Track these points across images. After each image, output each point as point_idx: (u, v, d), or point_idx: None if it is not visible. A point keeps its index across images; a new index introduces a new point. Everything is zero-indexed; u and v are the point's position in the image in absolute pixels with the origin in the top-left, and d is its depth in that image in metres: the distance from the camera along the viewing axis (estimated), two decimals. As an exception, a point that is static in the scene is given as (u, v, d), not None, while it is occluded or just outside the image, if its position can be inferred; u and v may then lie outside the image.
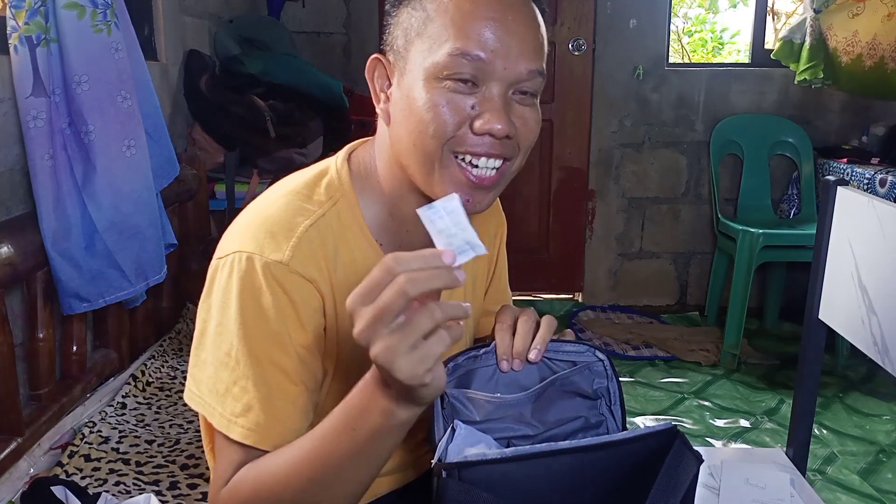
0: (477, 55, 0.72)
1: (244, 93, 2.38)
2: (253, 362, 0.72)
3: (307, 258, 0.74)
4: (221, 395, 0.73)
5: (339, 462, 0.67)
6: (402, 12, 0.77)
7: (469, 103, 0.73)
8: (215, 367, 0.74)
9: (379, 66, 0.79)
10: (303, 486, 0.69)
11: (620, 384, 0.82)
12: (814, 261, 1.19)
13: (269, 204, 0.78)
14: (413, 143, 0.75)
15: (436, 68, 0.72)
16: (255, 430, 0.72)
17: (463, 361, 0.78)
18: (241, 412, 0.72)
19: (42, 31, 1.40)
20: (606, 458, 0.66)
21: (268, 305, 0.72)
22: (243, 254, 0.73)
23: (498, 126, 0.73)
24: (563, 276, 3.41)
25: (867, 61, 2.51)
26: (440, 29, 0.73)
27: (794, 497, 1.04)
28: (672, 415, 2.39)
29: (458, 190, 0.75)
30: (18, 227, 1.43)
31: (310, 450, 0.69)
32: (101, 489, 1.35)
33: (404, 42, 0.76)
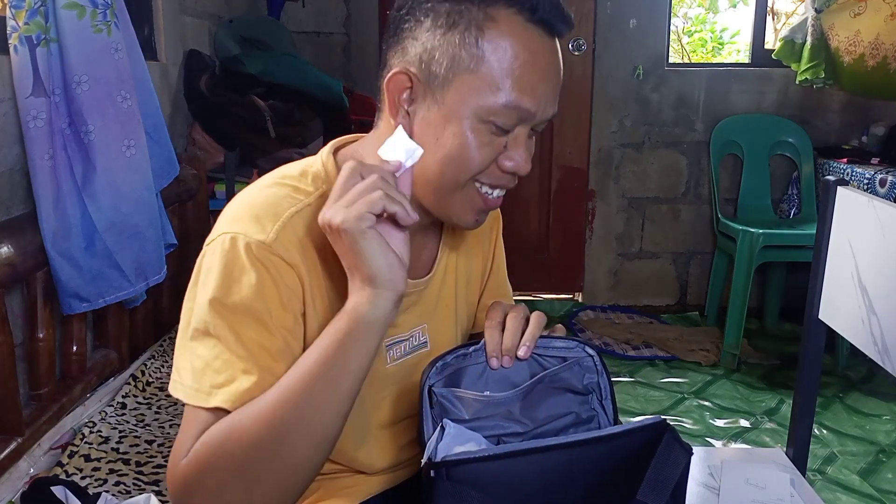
0: (528, 109, 0.75)
1: (244, 93, 2.38)
2: (234, 337, 0.71)
3: (290, 243, 0.74)
4: (199, 371, 0.71)
5: (311, 380, 0.67)
6: (451, 39, 0.74)
7: (502, 143, 0.77)
8: (192, 348, 0.72)
9: (405, 83, 0.76)
10: (274, 420, 0.67)
11: (611, 379, 0.82)
12: (814, 261, 1.19)
13: (255, 193, 0.78)
14: (442, 171, 0.77)
15: (482, 111, 0.74)
16: (238, 395, 0.69)
17: (452, 360, 0.78)
18: (222, 383, 0.70)
19: (42, 31, 1.40)
20: (596, 453, 0.66)
21: (250, 283, 0.71)
22: (227, 235, 0.73)
23: (526, 169, 0.78)
24: (563, 276, 3.41)
25: (869, 61, 2.51)
26: (495, 75, 0.73)
27: (794, 497, 1.04)
28: (672, 415, 2.39)
29: (471, 212, 0.80)
30: (18, 227, 1.43)
31: (281, 383, 0.68)
32: (101, 489, 1.35)
33: (447, 72, 0.74)
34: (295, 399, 0.67)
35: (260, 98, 2.38)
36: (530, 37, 0.74)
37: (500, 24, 0.73)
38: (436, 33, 0.74)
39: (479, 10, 0.73)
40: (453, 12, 0.74)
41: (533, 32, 0.74)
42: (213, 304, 0.71)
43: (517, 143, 0.77)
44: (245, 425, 0.67)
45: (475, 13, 0.73)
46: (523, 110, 0.74)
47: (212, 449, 0.68)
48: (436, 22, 0.74)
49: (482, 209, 0.81)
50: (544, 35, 0.75)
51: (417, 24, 0.75)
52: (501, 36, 0.73)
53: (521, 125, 0.76)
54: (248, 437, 0.67)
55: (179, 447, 0.70)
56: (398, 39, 0.77)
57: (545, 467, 0.66)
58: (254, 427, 0.67)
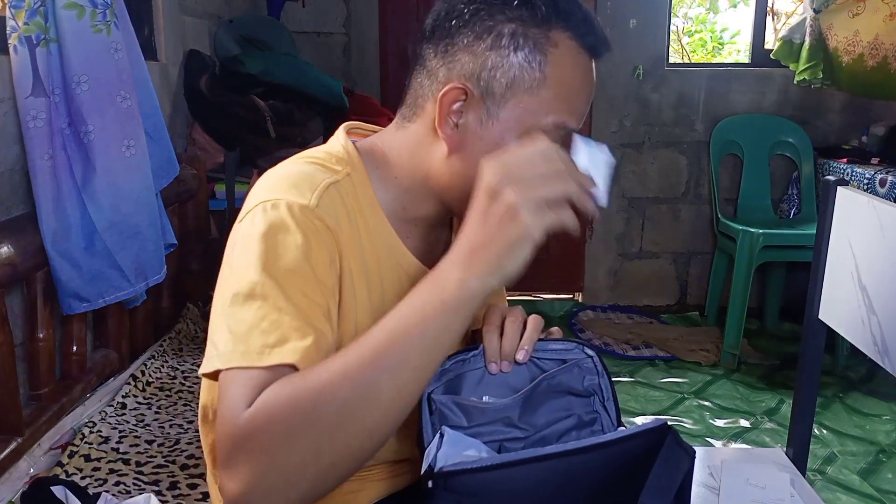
0: (572, 129, 0.77)
1: (244, 93, 2.38)
2: (282, 296, 0.66)
3: (330, 209, 0.74)
4: (244, 334, 0.65)
5: (403, 342, 0.62)
6: (514, 61, 0.75)
7: None
8: (230, 315, 0.67)
9: (460, 96, 0.76)
10: (361, 377, 0.62)
11: (612, 380, 0.82)
12: (814, 261, 1.19)
13: (288, 168, 0.78)
14: None
15: (535, 129, 0.75)
16: (299, 351, 0.64)
17: (451, 365, 0.77)
18: (276, 342, 0.64)
19: (42, 31, 1.40)
20: (597, 459, 0.65)
21: (296, 243, 0.69)
22: (268, 201, 0.72)
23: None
24: (563, 276, 3.41)
25: (869, 61, 2.51)
26: (553, 98, 0.76)
27: (794, 497, 1.04)
28: (672, 415, 2.39)
29: None
30: (18, 227, 1.43)
31: (367, 341, 0.63)
32: (101, 489, 1.35)
33: (505, 90, 0.75)
34: (384, 358, 0.62)
35: (260, 98, 2.38)
36: (584, 62, 0.77)
37: (562, 50, 0.75)
38: (500, 52, 0.75)
39: (542, 33, 0.75)
40: (518, 34, 0.75)
41: (584, 57, 0.78)
42: (257, 266, 0.68)
43: None
44: (324, 379, 0.61)
45: (538, 35, 0.75)
46: (568, 129, 0.77)
47: (284, 401, 0.61)
48: (498, 41, 0.75)
49: None
50: (591, 60, 0.79)
51: (477, 41, 0.76)
52: (563, 61, 0.75)
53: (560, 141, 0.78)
54: (330, 392, 0.61)
55: (228, 409, 0.62)
56: (451, 51, 0.77)
57: (545, 475, 0.65)
58: (336, 382, 0.61)
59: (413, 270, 0.85)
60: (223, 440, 0.62)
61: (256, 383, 0.63)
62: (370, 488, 0.89)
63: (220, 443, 0.62)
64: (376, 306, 0.80)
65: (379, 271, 0.81)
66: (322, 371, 0.62)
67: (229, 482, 0.61)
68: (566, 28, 0.76)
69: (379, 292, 0.81)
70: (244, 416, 0.61)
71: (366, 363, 0.62)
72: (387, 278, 0.82)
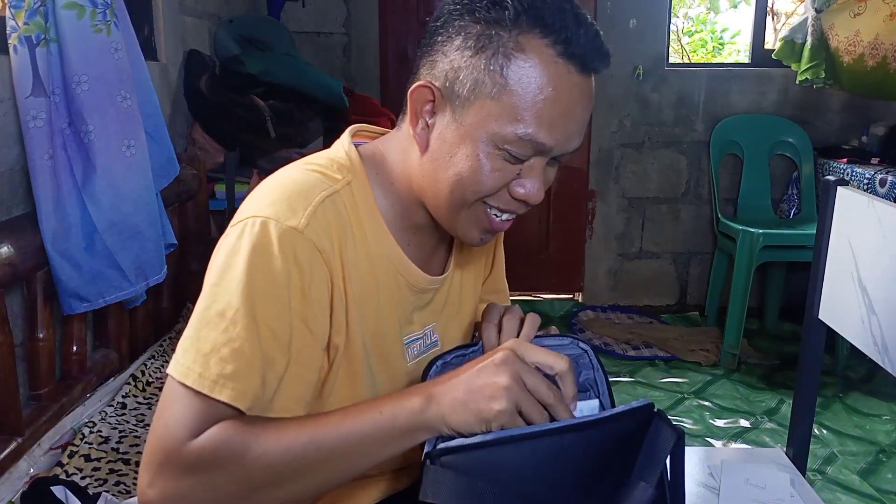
0: (544, 143, 0.73)
1: (244, 93, 2.38)
2: (252, 326, 0.69)
3: (321, 228, 0.74)
4: (205, 356, 0.68)
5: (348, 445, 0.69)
6: (477, 63, 0.72)
7: (515, 170, 0.76)
8: (198, 328, 0.70)
9: (427, 95, 0.76)
10: (300, 459, 0.68)
11: (606, 373, 0.82)
12: (814, 261, 1.19)
13: (286, 176, 0.78)
14: (450, 190, 0.77)
15: (498, 139, 0.73)
16: (249, 395, 0.68)
17: (452, 360, 0.78)
18: (231, 375, 0.68)
19: (41, 31, 1.40)
20: (587, 438, 0.66)
21: (278, 270, 0.70)
22: (258, 218, 0.72)
23: (537, 199, 0.78)
24: (563, 276, 3.41)
25: (869, 61, 2.51)
26: (516, 106, 0.71)
27: (794, 497, 1.04)
28: (672, 415, 2.39)
29: (476, 230, 0.80)
30: (18, 227, 1.43)
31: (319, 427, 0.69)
32: (101, 489, 1.35)
33: (469, 93, 0.73)
34: (326, 452, 0.68)
35: (260, 98, 2.38)
36: (559, 72, 0.71)
37: (529, 55, 0.71)
38: (464, 53, 0.73)
39: (511, 37, 0.71)
40: (484, 35, 0.72)
41: (562, 68, 0.71)
42: (235, 289, 0.70)
43: (531, 172, 0.76)
44: (273, 451, 0.67)
45: (505, 39, 0.71)
46: (539, 144, 0.73)
47: (232, 451, 0.67)
48: (466, 42, 0.73)
49: (488, 230, 0.80)
50: (575, 71, 0.72)
51: (448, 41, 0.75)
52: (528, 68, 0.71)
53: (537, 156, 0.76)
54: (273, 464, 0.67)
55: (175, 426, 0.67)
56: (430, 51, 0.77)
57: (539, 453, 0.66)
58: (283, 459, 0.67)
59: (413, 278, 0.84)
60: (159, 451, 0.67)
61: (206, 414, 0.68)
62: (371, 488, 0.89)
63: (155, 453, 0.67)
64: (371, 316, 0.80)
65: (376, 280, 0.80)
66: (272, 434, 0.68)
67: (149, 488, 0.67)
68: (542, 34, 0.71)
69: (375, 302, 0.81)
70: (192, 445, 0.67)
71: (314, 455, 0.68)
72: (384, 286, 0.81)
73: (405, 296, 0.85)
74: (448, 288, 0.92)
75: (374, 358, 0.82)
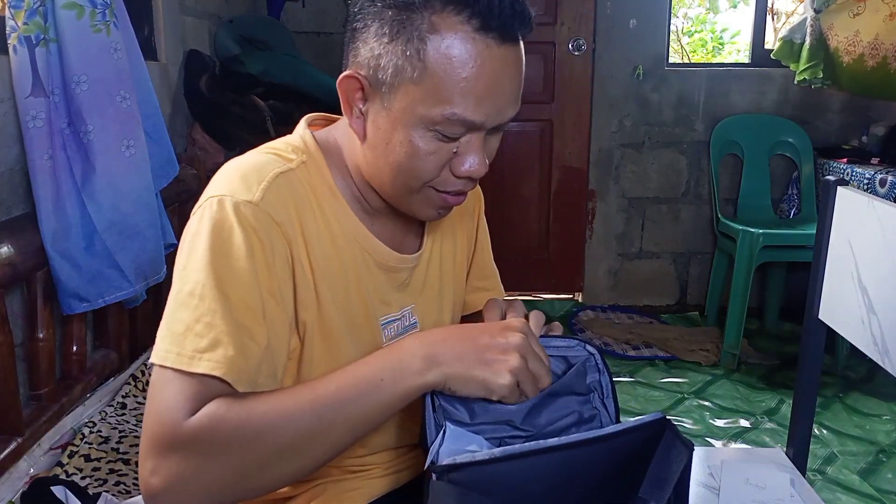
0: (473, 121, 0.73)
1: (244, 93, 2.38)
2: (221, 297, 0.69)
3: (277, 201, 0.74)
4: (180, 335, 0.68)
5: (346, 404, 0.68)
6: (395, 49, 0.71)
7: (451, 148, 0.75)
8: (173, 311, 0.70)
9: (354, 84, 0.76)
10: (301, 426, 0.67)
11: (612, 377, 0.82)
12: (814, 261, 1.19)
13: (241, 159, 0.80)
14: (393, 178, 0.77)
15: (426, 121, 0.72)
16: (225, 363, 0.67)
17: None
18: (206, 348, 0.67)
19: (41, 31, 1.40)
20: (596, 452, 0.65)
21: (238, 243, 0.71)
22: (214, 198, 0.74)
23: (479, 171, 0.77)
24: (563, 276, 3.41)
25: (869, 61, 2.51)
26: (438, 88, 0.71)
27: (794, 497, 1.04)
28: (672, 415, 2.39)
29: (431, 209, 0.80)
30: (18, 227, 1.43)
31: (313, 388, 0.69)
32: (101, 489, 1.35)
33: (392, 79, 0.72)
34: (327, 423, 0.68)
35: (260, 98, 2.38)
36: (478, 48, 0.70)
37: (445, 35, 0.69)
38: (381, 40, 0.72)
39: (424, 19, 0.70)
40: (397, 21, 0.71)
41: (481, 43, 0.70)
42: (200, 266, 0.70)
43: (469, 148, 0.75)
44: (270, 418, 0.67)
45: (419, 22, 0.70)
46: (468, 122, 0.72)
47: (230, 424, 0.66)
48: (381, 28, 0.72)
49: (442, 206, 0.80)
50: (495, 44, 0.70)
51: (366, 28, 0.74)
52: (445, 48, 0.69)
53: (470, 133, 0.75)
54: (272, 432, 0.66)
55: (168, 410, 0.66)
56: (352, 38, 0.77)
57: (546, 467, 0.65)
58: (280, 425, 0.67)
59: (381, 256, 0.84)
60: (157, 438, 0.66)
61: (194, 392, 0.67)
62: (371, 485, 0.89)
63: (153, 439, 0.66)
64: (339, 296, 0.80)
65: (341, 259, 0.80)
66: (271, 406, 0.67)
67: (152, 476, 0.66)
68: (456, 11, 0.69)
69: (342, 281, 0.81)
70: (188, 424, 0.65)
71: (316, 425, 0.68)
72: (350, 265, 0.81)
73: (375, 274, 0.85)
74: (426, 268, 0.92)
75: (348, 337, 0.82)
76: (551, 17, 3.12)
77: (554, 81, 3.17)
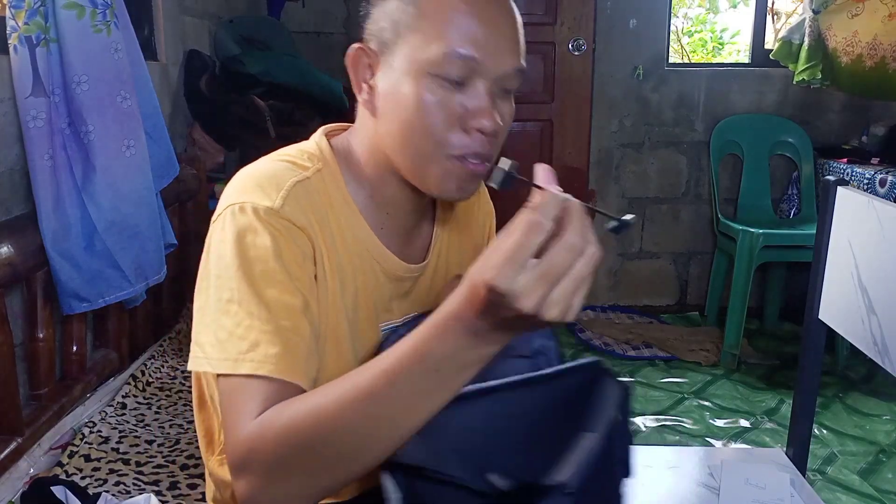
0: (473, 57, 0.73)
1: (244, 93, 2.38)
2: (255, 300, 0.70)
3: (297, 208, 0.75)
4: (223, 342, 0.70)
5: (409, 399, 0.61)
6: (390, 3, 0.76)
7: (458, 101, 0.75)
8: (215, 319, 0.72)
9: (362, 57, 0.79)
10: (356, 422, 0.62)
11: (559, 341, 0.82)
12: (814, 261, 1.19)
13: (256, 166, 0.80)
14: (404, 139, 0.77)
15: (427, 65, 0.74)
16: (268, 361, 0.68)
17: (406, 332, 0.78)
18: (248, 349, 0.69)
19: (42, 31, 1.40)
20: (538, 393, 0.67)
21: (265, 244, 0.72)
22: (235, 205, 0.74)
23: (487, 124, 0.75)
24: (563, 276, 3.40)
25: (868, 62, 2.51)
26: (432, 26, 0.73)
27: (794, 497, 1.04)
28: (672, 415, 2.39)
29: (453, 181, 0.78)
30: (18, 227, 1.43)
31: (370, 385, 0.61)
32: (101, 489, 1.35)
33: (392, 35, 0.76)
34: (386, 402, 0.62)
35: (260, 98, 2.38)
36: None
37: None
38: (380, 4, 0.78)
39: None
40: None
41: None
42: (232, 272, 0.71)
43: (476, 97, 0.75)
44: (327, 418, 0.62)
45: None
46: (468, 58, 0.73)
47: (285, 430, 0.64)
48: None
49: (464, 176, 0.78)
50: None
51: (368, 6, 0.79)
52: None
53: (475, 77, 0.75)
54: (330, 432, 0.63)
55: (239, 416, 0.66)
56: (362, 20, 0.81)
57: (491, 410, 0.67)
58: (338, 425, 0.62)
59: (389, 265, 0.85)
60: (232, 447, 0.67)
61: (254, 395, 0.67)
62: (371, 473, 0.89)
63: (230, 449, 0.67)
64: (349, 302, 0.81)
65: (352, 266, 0.81)
66: (324, 406, 0.63)
67: (238, 484, 0.66)
68: None
69: (352, 287, 0.81)
70: (247, 431, 0.65)
71: (366, 405, 0.61)
72: (359, 272, 0.82)
73: (382, 283, 0.85)
74: (431, 278, 0.92)
75: (350, 342, 0.83)
76: (551, 17, 3.12)
77: (554, 81, 3.16)
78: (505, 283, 0.52)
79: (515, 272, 0.52)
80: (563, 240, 0.53)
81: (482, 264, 0.54)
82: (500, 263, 0.52)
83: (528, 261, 0.52)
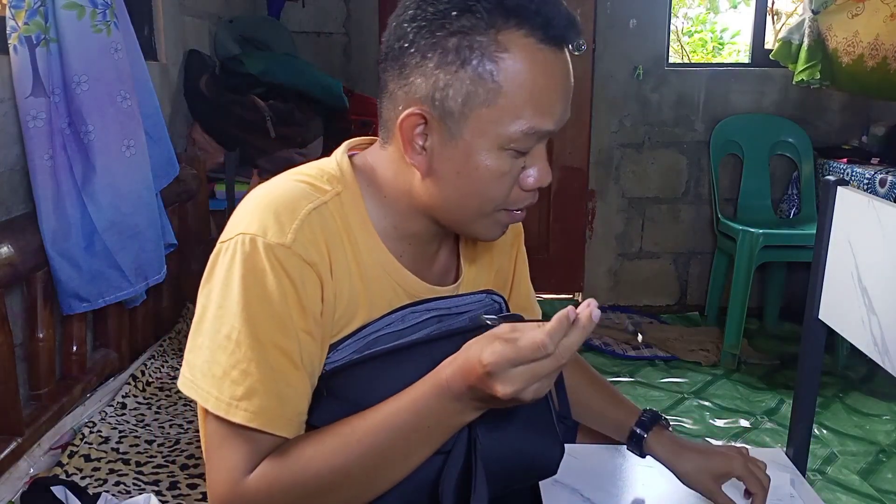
0: (549, 130, 0.75)
1: (244, 93, 2.38)
2: (256, 345, 0.71)
3: (309, 241, 0.74)
4: (219, 379, 0.71)
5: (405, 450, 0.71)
6: (463, 76, 0.71)
7: (520, 164, 0.76)
8: (212, 351, 0.72)
9: (416, 120, 0.74)
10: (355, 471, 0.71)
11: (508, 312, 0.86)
12: (814, 261, 1.19)
13: (273, 187, 0.78)
14: (464, 204, 0.77)
15: (505, 140, 0.73)
16: (261, 414, 0.70)
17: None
18: (242, 396, 0.70)
19: (42, 31, 1.40)
20: (458, 346, 0.68)
21: (272, 288, 0.71)
22: (246, 236, 0.72)
23: (547, 179, 0.78)
24: (563, 275, 3.41)
25: (869, 62, 2.51)
26: (514, 105, 0.72)
27: (794, 497, 1.04)
28: (672, 415, 2.39)
29: (499, 229, 0.81)
30: (18, 227, 1.43)
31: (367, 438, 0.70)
32: (101, 489, 1.35)
33: (461, 106, 0.72)
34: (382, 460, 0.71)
35: (260, 98, 2.38)
36: (545, 58, 0.72)
37: (514, 53, 0.71)
38: (447, 70, 0.71)
39: (490, 39, 0.70)
40: (462, 47, 0.71)
41: (546, 52, 0.72)
42: (236, 311, 0.71)
43: (535, 159, 0.77)
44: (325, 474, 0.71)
45: (485, 43, 0.70)
46: (544, 132, 0.74)
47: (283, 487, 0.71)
48: (445, 57, 0.71)
49: (507, 222, 0.81)
50: (556, 51, 0.73)
51: (425, 60, 0.72)
52: (516, 65, 0.71)
53: (538, 143, 0.76)
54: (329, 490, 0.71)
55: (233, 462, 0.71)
56: (403, 74, 0.74)
57: (414, 365, 0.71)
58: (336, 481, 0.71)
59: (410, 287, 0.83)
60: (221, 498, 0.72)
61: (248, 446, 0.71)
62: None
63: (215, 495, 0.72)
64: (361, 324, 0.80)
65: (368, 292, 0.79)
66: (322, 462, 0.71)
67: None
68: (518, 26, 0.71)
69: (366, 310, 0.80)
70: (246, 489, 0.71)
71: (364, 464, 0.71)
72: (378, 296, 0.80)
73: (404, 303, 0.84)
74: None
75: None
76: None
77: (554, 81, 3.16)
78: (500, 370, 0.62)
79: (512, 365, 0.62)
80: (555, 354, 0.62)
81: (486, 344, 0.63)
82: (501, 356, 0.62)
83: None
